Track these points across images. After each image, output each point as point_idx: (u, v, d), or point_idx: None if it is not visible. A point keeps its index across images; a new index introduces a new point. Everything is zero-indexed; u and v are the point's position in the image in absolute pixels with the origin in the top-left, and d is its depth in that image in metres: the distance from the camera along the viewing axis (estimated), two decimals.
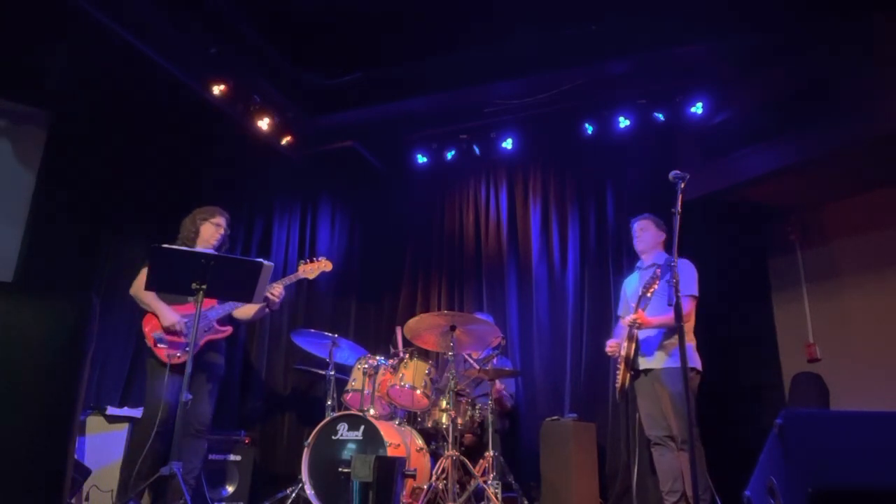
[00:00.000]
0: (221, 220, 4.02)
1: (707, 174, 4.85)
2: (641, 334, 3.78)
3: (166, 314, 3.69)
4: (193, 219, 4.00)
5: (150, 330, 3.71)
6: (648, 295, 3.59)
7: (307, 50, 5.11)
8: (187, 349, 3.60)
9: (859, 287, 4.82)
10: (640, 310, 3.65)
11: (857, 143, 4.17)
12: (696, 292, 3.75)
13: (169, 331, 3.67)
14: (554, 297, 5.47)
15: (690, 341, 3.71)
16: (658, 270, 3.56)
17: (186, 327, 3.69)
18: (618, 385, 3.80)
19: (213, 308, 3.80)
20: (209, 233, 3.97)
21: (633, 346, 3.75)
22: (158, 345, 3.67)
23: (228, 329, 3.88)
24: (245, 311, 3.96)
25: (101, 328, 4.15)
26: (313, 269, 4.14)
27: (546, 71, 4.93)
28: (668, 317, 3.64)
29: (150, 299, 3.73)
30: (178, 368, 3.58)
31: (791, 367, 5.00)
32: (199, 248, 3.83)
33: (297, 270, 4.14)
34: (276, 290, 3.89)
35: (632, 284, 4.09)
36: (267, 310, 4.02)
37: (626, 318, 3.78)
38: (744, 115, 4.80)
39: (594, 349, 5.07)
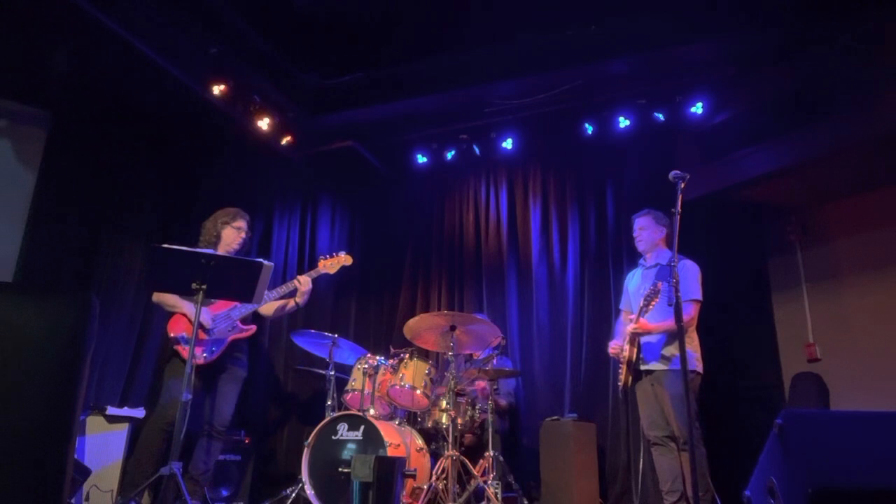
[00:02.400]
0: (243, 224, 4.03)
1: (707, 174, 4.85)
2: (643, 339, 3.78)
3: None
4: (215, 222, 3.99)
5: (175, 332, 3.71)
6: (650, 307, 3.58)
7: (307, 50, 5.10)
8: (213, 349, 3.64)
9: (859, 287, 4.82)
10: (641, 319, 3.65)
11: (856, 144, 4.17)
12: (698, 296, 3.71)
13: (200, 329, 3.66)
14: (554, 297, 5.47)
15: (693, 345, 3.70)
16: (659, 284, 3.52)
17: (214, 324, 3.70)
18: (620, 384, 3.80)
19: (236, 307, 3.80)
20: (231, 237, 3.97)
21: (636, 350, 3.75)
22: (182, 345, 3.67)
23: (252, 328, 3.89)
24: (267, 307, 3.98)
25: (101, 328, 4.17)
26: (334, 263, 4.16)
27: (546, 71, 4.93)
28: (668, 322, 3.63)
29: (175, 300, 3.73)
30: (199, 370, 3.58)
31: (791, 367, 5.00)
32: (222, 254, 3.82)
33: (317, 266, 4.17)
34: (304, 279, 3.95)
35: (634, 280, 4.07)
36: (293, 304, 4.04)
37: (628, 328, 3.77)
38: (744, 116, 4.80)
39: (594, 349, 5.07)
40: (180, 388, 3.53)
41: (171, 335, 3.71)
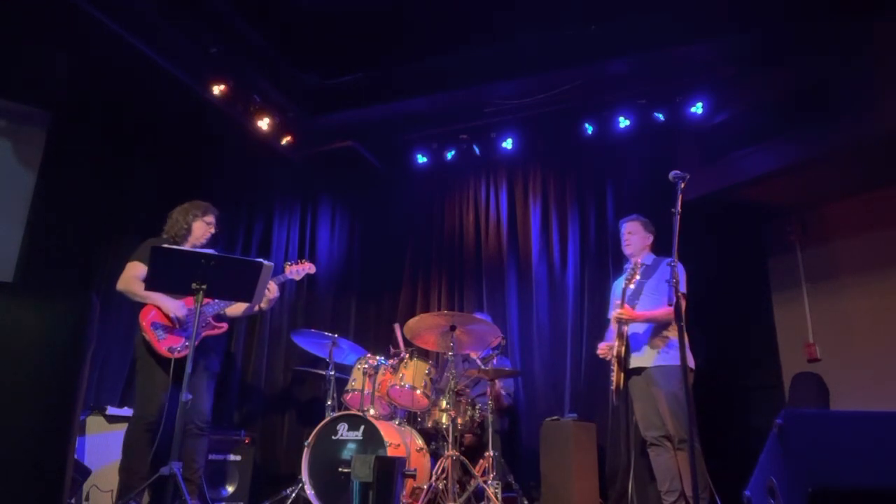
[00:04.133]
0: (212, 219, 3.97)
1: (707, 174, 4.85)
2: (630, 330, 3.79)
3: (171, 305, 3.64)
4: (185, 214, 3.89)
5: (149, 321, 3.63)
6: (631, 286, 3.61)
7: (307, 50, 5.10)
8: (186, 344, 3.59)
9: (859, 287, 4.82)
10: (625, 304, 3.66)
11: (856, 144, 4.17)
12: (683, 290, 3.73)
13: (175, 322, 3.63)
14: (554, 297, 5.47)
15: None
16: (637, 261, 3.59)
17: (188, 318, 3.67)
18: (613, 387, 3.80)
19: (209, 304, 3.78)
20: (201, 231, 3.90)
21: (624, 344, 3.76)
22: (160, 337, 3.61)
23: (224, 325, 3.86)
24: (235, 307, 3.93)
25: (101, 328, 4.17)
26: (299, 270, 4.13)
27: (546, 71, 4.93)
28: (655, 311, 3.67)
29: (148, 292, 3.67)
30: (174, 365, 3.54)
31: (791, 367, 4.99)
32: (189, 247, 3.80)
33: (283, 271, 4.14)
34: (272, 286, 3.85)
35: (619, 287, 4.09)
36: (257, 308, 3.95)
37: (615, 312, 3.79)
38: (744, 116, 4.80)
39: (594, 349, 5.03)
40: (157, 387, 3.52)
41: (144, 322, 3.62)
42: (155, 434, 3.49)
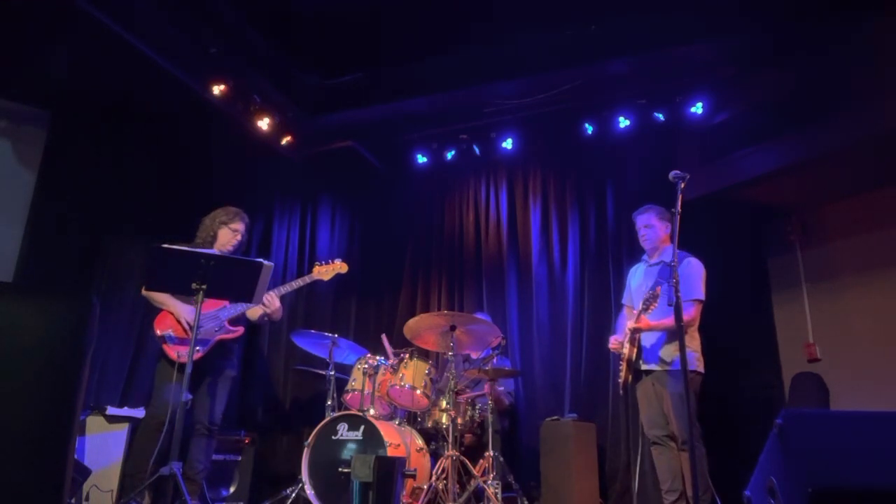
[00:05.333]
0: (240, 226, 3.98)
1: (707, 174, 4.85)
2: (644, 339, 3.77)
3: (183, 311, 3.68)
4: (213, 220, 3.94)
5: (161, 329, 3.69)
6: (649, 311, 3.57)
7: (307, 50, 5.11)
8: (198, 348, 3.62)
9: (859, 287, 4.81)
10: (642, 316, 3.63)
11: (856, 143, 4.16)
12: (700, 296, 3.67)
13: (188, 329, 3.64)
14: (554, 297, 5.47)
15: (694, 344, 3.69)
16: (658, 289, 3.51)
17: (200, 322, 3.67)
18: (620, 381, 3.80)
19: (225, 307, 3.79)
20: (226, 238, 3.93)
21: (635, 349, 3.74)
22: (168, 343, 3.65)
23: (240, 329, 3.86)
24: (254, 310, 3.95)
25: (101, 328, 4.17)
26: (328, 270, 4.14)
27: (546, 71, 4.93)
28: (669, 320, 3.61)
29: (165, 298, 3.71)
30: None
31: (791, 367, 4.99)
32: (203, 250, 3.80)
33: (311, 272, 4.14)
34: (269, 298, 3.83)
35: (636, 277, 4.05)
36: (266, 318, 3.98)
37: (628, 324, 3.76)
38: (744, 116, 4.80)
39: (594, 349, 5.07)
40: (169, 389, 3.53)
41: (158, 333, 3.68)
42: (165, 435, 3.50)
